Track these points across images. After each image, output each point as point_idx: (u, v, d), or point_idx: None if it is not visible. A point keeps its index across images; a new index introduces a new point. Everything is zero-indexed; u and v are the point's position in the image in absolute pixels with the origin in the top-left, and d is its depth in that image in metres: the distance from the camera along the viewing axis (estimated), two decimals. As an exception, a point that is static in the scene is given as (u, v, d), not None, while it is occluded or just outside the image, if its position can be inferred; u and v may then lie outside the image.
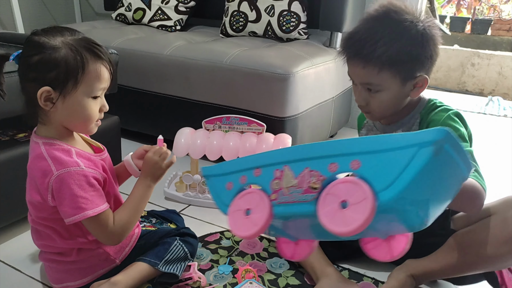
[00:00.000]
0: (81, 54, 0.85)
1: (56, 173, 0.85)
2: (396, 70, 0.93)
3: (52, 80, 0.84)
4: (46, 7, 2.85)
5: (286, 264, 1.15)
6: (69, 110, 0.87)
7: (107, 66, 0.90)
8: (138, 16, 2.26)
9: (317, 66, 1.69)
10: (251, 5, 1.96)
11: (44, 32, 0.86)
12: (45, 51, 0.84)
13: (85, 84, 0.86)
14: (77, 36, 0.88)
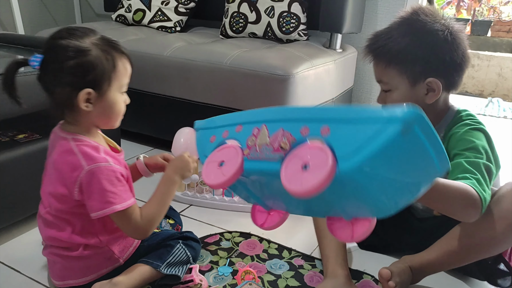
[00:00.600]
0: (110, 52, 0.89)
1: (87, 167, 0.88)
2: (402, 68, 0.93)
3: (91, 82, 0.87)
4: (46, 8, 2.85)
5: (286, 265, 1.15)
6: (103, 108, 0.91)
7: (129, 61, 0.95)
8: (138, 17, 2.26)
9: (317, 67, 1.69)
10: (251, 6, 1.96)
11: (69, 35, 0.87)
12: (80, 55, 0.85)
13: (116, 81, 0.91)
14: (98, 35, 0.91)
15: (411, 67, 0.93)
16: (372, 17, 2.11)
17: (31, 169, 1.22)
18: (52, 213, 0.95)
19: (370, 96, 2.24)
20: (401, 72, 0.94)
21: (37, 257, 1.14)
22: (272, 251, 1.21)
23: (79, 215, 0.93)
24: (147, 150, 1.92)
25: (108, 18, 2.47)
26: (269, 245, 1.24)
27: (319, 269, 1.14)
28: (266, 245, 1.24)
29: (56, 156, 0.92)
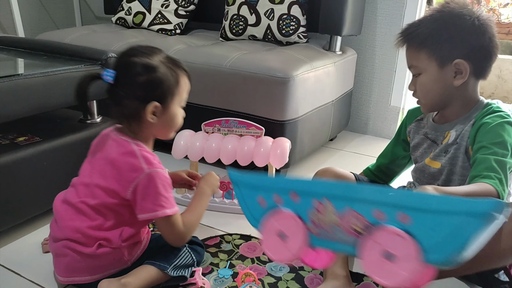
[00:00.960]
0: (175, 70, 0.99)
1: (148, 171, 0.95)
2: (431, 51, 0.99)
3: (158, 96, 0.97)
4: (46, 11, 2.85)
5: (286, 267, 1.15)
6: (166, 120, 1.01)
7: (189, 77, 1.04)
8: (138, 20, 2.27)
9: (317, 69, 1.69)
10: (251, 9, 1.97)
11: (141, 53, 0.97)
12: (150, 71, 0.95)
13: (178, 96, 1.01)
14: (164, 54, 1.01)
15: (439, 49, 0.99)
16: (372, 20, 2.12)
17: (31, 172, 1.22)
18: (90, 204, 0.97)
19: (370, 99, 2.24)
20: (430, 55, 1.00)
21: (37, 259, 1.15)
22: (273, 254, 1.21)
23: (116, 213, 0.98)
24: (147, 152, 1.92)
25: (108, 20, 2.47)
26: (269, 248, 1.24)
27: (319, 271, 1.14)
28: (267, 248, 1.23)
29: (116, 155, 0.98)
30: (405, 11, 2.03)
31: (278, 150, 1.41)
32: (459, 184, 1.06)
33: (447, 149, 1.08)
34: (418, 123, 1.20)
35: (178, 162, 1.51)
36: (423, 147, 1.16)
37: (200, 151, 1.44)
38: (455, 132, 1.06)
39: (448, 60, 0.99)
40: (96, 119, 1.46)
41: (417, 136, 1.19)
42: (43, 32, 2.17)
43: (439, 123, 1.12)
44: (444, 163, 1.08)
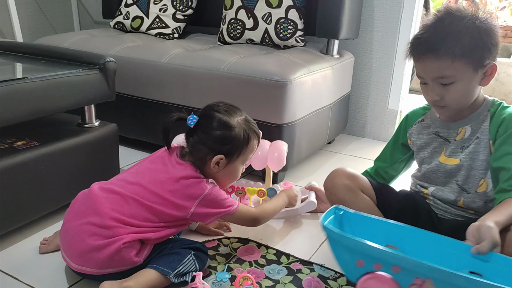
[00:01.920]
0: (248, 133, 1.12)
1: (208, 188, 1.07)
2: (468, 59, 1.01)
3: (226, 151, 1.10)
4: (45, 16, 2.86)
5: (284, 270, 1.15)
6: (226, 172, 1.14)
7: (258, 139, 1.17)
8: (136, 24, 2.28)
9: (314, 73, 1.70)
10: (248, 13, 1.97)
11: (224, 110, 1.10)
12: (226, 129, 1.09)
13: (244, 155, 1.13)
14: (244, 116, 1.14)
15: (476, 56, 1.02)
16: (369, 23, 2.13)
17: (29, 176, 1.22)
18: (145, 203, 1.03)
19: (368, 102, 2.25)
20: (466, 63, 1.02)
21: (35, 264, 1.15)
22: (270, 257, 1.21)
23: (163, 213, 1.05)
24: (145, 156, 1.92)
25: (106, 25, 2.48)
26: (267, 251, 1.24)
27: (317, 273, 1.14)
28: (264, 251, 1.24)
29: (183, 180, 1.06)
30: (402, 15, 2.04)
31: (276, 153, 1.41)
32: (479, 179, 1.10)
33: (464, 144, 1.12)
34: (420, 124, 1.23)
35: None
36: (432, 146, 1.18)
37: None
38: (470, 128, 1.11)
39: (481, 64, 1.03)
40: (94, 123, 1.46)
41: (422, 137, 1.21)
42: (42, 37, 2.18)
43: (451, 121, 1.15)
44: (463, 159, 1.11)
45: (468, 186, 1.13)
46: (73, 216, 1.05)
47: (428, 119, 1.21)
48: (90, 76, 1.38)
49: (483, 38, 1.01)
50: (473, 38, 1.01)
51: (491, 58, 1.03)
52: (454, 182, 1.15)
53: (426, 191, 1.21)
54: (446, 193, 1.17)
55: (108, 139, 1.46)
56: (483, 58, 1.02)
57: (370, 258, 0.84)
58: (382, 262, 0.82)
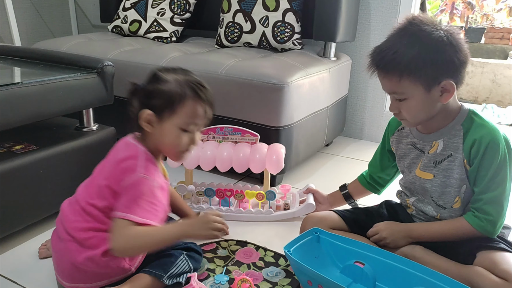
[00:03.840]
0: (184, 90, 0.99)
1: (140, 175, 0.96)
2: (415, 77, 0.98)
3: (154, 106, 0.99)
4: (43, 20, 2.87)
5: (282, 272, 1.16)
6: (162, 135, 1.01)
7: (204, 106, 1.02)
8: (134, 28, 2.28)
9: (312, 76, 1.71)
10: (246, 16, 1.98)
11: (165, 69, 1.03)
12: (157, 83, 1.00)
13: (179, 116, 0.99)
14: (189, 76, 1.02)
15: (424, 74, 0.97)
16: (366, 26, 2.14)
17: (28, 180, 1.22)
18: (98, 206, 0.98)
19: (365, 104, 2.26)
20: (415, 81, 0.98)
21: (34, 267, 1.15)
22: (269, 259, 1.22)
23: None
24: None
25: (104, 29, 2.49)
26: (265, 253, 1.24)
27: (315, 276, 1.15)
28: (263, 253, 1.24)
29: (123, 156, 1.00)
30: (399, 17, 2.05)
31: (274, 156, 1.42)
32: (454, 196, 1.09)
33: (436, 159, 1.09)
34: (399, 132, 1.20)
35: (173, 170, 1.51)
36: (410, 157, 1.17)
37: (195, 159, 1.45)
38: (442, 142, 1.08)
39: (434, 83, 0.98)
40: (92, 127, 1.47)
41: (401, 146, 1.19)
42: (40, 41, 2.18)
43: (425, 133, 1.12)
44: (436, 175, 1.10)
45: (444, 202, 1.11)
46: (54, 236, 1.05)
47: (407, 128, 1.18)
48: (88, 80, 1.39)
49: (435, 54, 0.96)
50: (421, 55, 0.96)
51: (448, 76, 0.98)
52: (429, 197, 1.13)
53: (408, 200, 1.21)
54: (425, 205, 1.16)
55: (106, 143, 1.46)
56: (437, 76, 0.97)
57: (314, 280, 0.98)
58: (322, 283, 0.96)
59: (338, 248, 1.11)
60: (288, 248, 1.05)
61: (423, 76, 0.97)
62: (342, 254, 1.10)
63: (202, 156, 1.45)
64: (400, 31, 1.01)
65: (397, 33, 1.01)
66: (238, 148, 1.45)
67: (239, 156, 1.43)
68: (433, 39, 0.96)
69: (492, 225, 1.03)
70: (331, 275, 0.97)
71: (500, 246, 1.04)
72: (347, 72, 2.09)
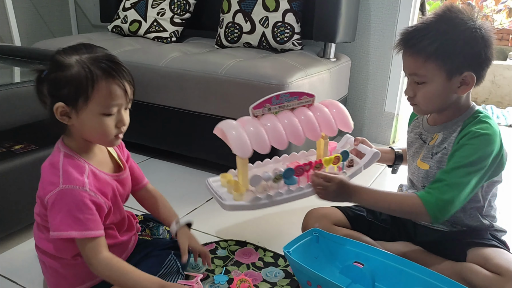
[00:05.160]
0: (92, 72, 0.87)
1: (61, 187, 0.88)
2: (441, 63, 0.98)
3: (65, 97, 0.88)
4: (43, 19, 2.87)
5: (281, 273, 1.16)
6: (83, 125, 0.91)
7: (120, 84, 0.90)
8: (134, 28, 2.28)
9: (311, 76, 1.71)
10: (246, 16, 1.98)
11: (64, 51, 0.90)
12: (59, 70, 0.88)
13: (95, 101, 0.89)
14: (94, 53, 0.90)
15: (450, 62, 0.98)
16: (365, 27, 2.14)
17: (27, 180, 1.22)
18: (42, 216, 0.96)
19: (365, 105, 2.26)
20: (439, 67, 0.99)
21: (33, 267, 1.15)
22: (268, 259, 1.22)
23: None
24: (143, 159, 1.93)
25: (104, 29, 2.49)
26: (264, 253, 1.24)
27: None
28: (262, 253, 1.24)
29: (45, 164, 0.95)
30: (398, 18, 2.06)
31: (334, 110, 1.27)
32: None
33: (433, 151, 1.10)
34: (415, 122, 1.22)
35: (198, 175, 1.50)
36: (415, 147, 1.18)
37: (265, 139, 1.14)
38: (442, 135, 1.09)
39: (457, 72, 0.99)
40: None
41: (411, 135, 1.21)
42: (40, 41, 2.18)
43: (431, 125, 1.14)
44: (432, 166, 1.10)
45: None
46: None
47: (420, 118, 1.20)
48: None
49: (464, 45, 0.97)
50: (452, 43, 0.97)
51: (471, 69, 0.99)
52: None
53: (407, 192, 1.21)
54: None
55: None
56: (461, 66, 0.98)
57: (313, 280, 0.98)
58: (321, 284, 0.97)
59: (337, 249, 1.11)
60: (287, 248, 1.05)
61: (448, 63, 0.98)
62: (341, 255, 1.10)
63: (272, 134, 1.15)
64: (437, 15, 1.02)
65: (433, 17, 1.02)
66: (299, 114, 1.20)
67: (301, 120, 1.19)
68: (467, 29, 0.98)
69: (440, 207, 0.98)
70: (331, 276, 0.97)
71: (492, 243, 1.05)
72: (346, 72, 2.09)
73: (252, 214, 1.49)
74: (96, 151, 0.99)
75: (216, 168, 1.84)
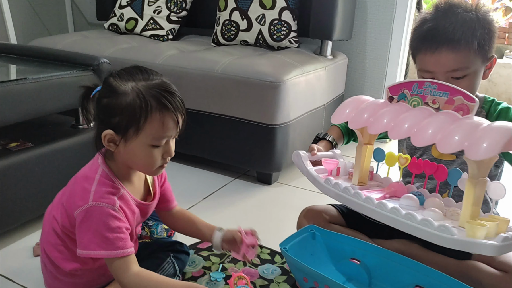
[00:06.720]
0: (147, 102, 0.84)
1: (91, 203, 0.86)
2: (480, 53, 1.00)
3: (115, 125, 0.85)
4: (39, 17, 2.86)
5: (278, 270, 1.16)
6: (129, 154, 0.88)
7: (174, 116, 0.87)
8: (130, 26, 2.28)
9: (308, 73, 1.71)
10: (242, 14, 1.98)
11: (119, 75, 0.87)
12: (113, 96, 0.85)
13: (146, 133, 0.85)
14: (151, 80, 0.87)
15: (487, 48, 1.00)
16: (362, 25, 2.14)
17: (23, 178, 1.22)
18: (62, 226, 0.93)
19: (361, 102, 2.26)
20: (479, 57, 1.00)
21: (30, 265, 1.15)
22: (265, 256, 1.22)
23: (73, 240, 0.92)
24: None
25: (101, 26, 2.48)
26: (261, 250, 1.24)
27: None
28: (259, 250, 1.24)
29: (79, 175, 0.92)
30: (395, 16, 2.06)
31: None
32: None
33: None
34: None
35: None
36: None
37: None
38: None
39: (487, 57, 1.01)
40: (91, 126, 1.46)
41: None
42: (36, 39, 2.18)
43: None
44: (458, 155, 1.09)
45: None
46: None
47: None
48: (84, 78, 1.39)
49: (490, 30, 1.00)
50: (484, 30, 0.99)
51: (493, 51, 1.02)
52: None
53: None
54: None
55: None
56: (490, 51, 1.01)
57: (309, 277, 0.98)
58: (317, 280, 0.96)
59: (333, 245, 1.12)
60: (284, 245, 1.05)
61: (486, 50, 1.00)
62: (337, 251, 1.10)
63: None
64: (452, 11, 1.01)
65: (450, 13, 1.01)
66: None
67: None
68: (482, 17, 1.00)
69: None
70: (327, 272, 0.97)
71: None
72: (343, 70, 2.10)
73: (248, 211, 1.50)
74: (134, 178, 0.97)
75: (213, 165, 1.84)
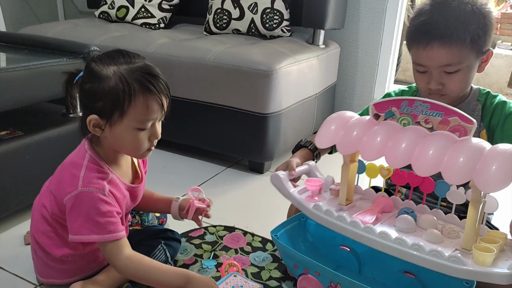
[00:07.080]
0: (130, 86, 0.84)
1: (80, 189, 0.87)
2: (474, 47, 0.98)
3: (99, 110, 0.86)
4: (29, 5, 2.82)
5: (269, 257, 1.17)
6: (116, 138, 0.89)
7: (157, 98, 0.88)
8: (121, 14, 2.26)
9: (300, 62, 1.71)
10: (235, 3, 1.97)
11: (100, 60, 0.87)
12: (96, 81, 0.85)
13: (131, 116, 0.86)
14: (133, 64, 0.87)
15: (482, 42, 0.99)
16: (355, 14, 2.14)
17: (13, 166, 1.21)
18: (51, 213, 0.95)
19: (354, 92, 2.27)
20: (472, 51, 0.98)
21: (21, 254, 1.14)
22: (256, 244, 1.23)
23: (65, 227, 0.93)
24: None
25: (91, 15, 2.45)
26: (253, 238, 1.25)
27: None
28: (250, 238, 1.25)
29: (66, 162, 0.93)
30: (387, 5, 2.06)
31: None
32: None
33: None
34: None
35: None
36: None
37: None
38: None
39: (481, 50, 1.00)
40: (78, 113, 1.45)
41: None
42: (26, 27, 2.15)
43: None
44: None
45: None
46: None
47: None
48: (74, 66, 1.37)
49: (486, 24, 0.98)
50: (478, 24, 0.97)
51: (489, 44, 1.01)
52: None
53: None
54: None
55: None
56: (484, 45, 0.99)
57: (300, 263, 1.00)
58: (308, 267, 0.98)
59: (324, 233, 1.12)
60: (274, 232, 1.06)
61: (480, 44, 0.98)
62: (328, 239, 1.11)
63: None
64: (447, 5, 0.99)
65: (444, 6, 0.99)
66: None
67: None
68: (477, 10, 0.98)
69: None
70: (317, 259, 0.98)
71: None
72: (335, 59, 2.09)
73: (240, 200, 1.50)
74: (122, 162, 0.98)
75: (205, 154, 1.84)
